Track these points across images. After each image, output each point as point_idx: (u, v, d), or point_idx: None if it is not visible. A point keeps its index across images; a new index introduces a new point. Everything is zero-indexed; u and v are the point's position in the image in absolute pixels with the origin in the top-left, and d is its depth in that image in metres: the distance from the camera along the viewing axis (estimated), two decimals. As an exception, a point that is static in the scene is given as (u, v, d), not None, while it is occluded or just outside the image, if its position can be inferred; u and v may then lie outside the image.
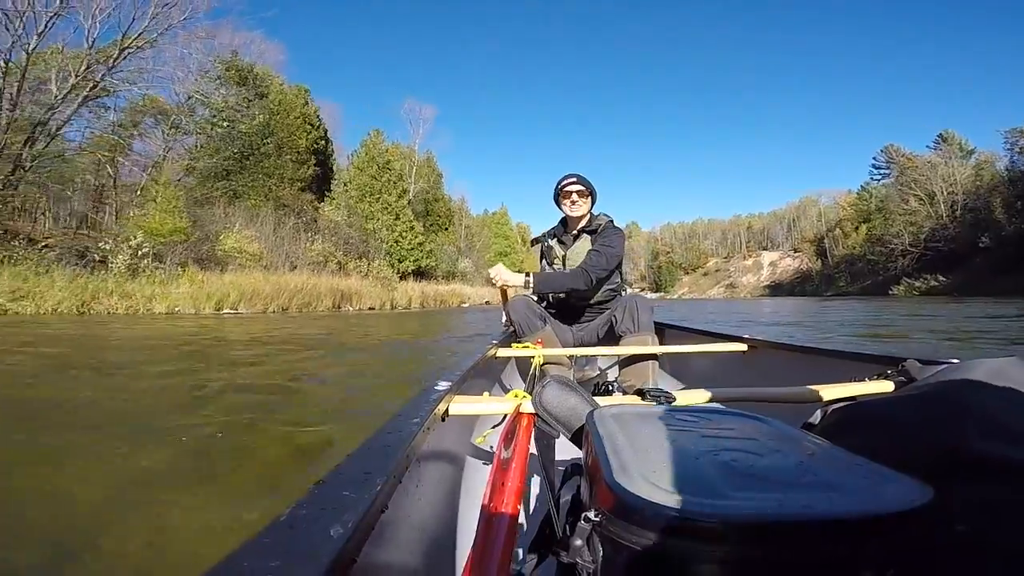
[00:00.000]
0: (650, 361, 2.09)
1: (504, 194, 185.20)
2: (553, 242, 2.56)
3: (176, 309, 12.08)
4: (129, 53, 19.05)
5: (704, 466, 0.47)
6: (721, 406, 0.79)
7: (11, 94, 15.97)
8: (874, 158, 71.33)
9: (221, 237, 18.75)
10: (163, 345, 5.87)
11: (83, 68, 17.73)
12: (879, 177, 70.51)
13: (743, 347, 2.03)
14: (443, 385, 1.04)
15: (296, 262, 20.97)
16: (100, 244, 14.40)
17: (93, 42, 18.27)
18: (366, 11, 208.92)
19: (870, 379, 1.15)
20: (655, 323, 2.34)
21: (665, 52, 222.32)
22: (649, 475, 0.45)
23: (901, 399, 0.82)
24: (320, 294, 16.11)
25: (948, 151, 56.35)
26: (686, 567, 0.38)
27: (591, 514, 0.44)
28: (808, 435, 0.59)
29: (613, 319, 2.23)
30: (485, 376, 1.84)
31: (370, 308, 18.05)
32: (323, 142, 33.12)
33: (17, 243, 13.18)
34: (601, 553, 0.43)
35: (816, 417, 0.87)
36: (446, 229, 43.49)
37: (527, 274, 2.35)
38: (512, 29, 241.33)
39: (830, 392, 1.03)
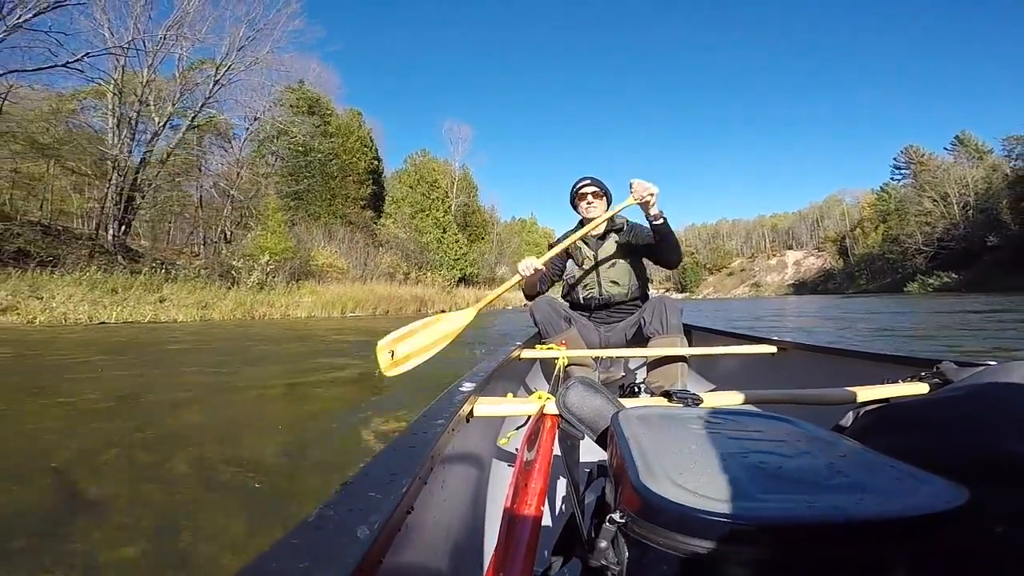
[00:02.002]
0: (679, 363, 2.06)
1: (529, 199, 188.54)
2: (579, 243, 2.51)
3: (313, 314, 15.55)
4: (221, 86, 22.12)
5: (732, 468, 0.48)
6: (749, 408, 0.80)
7: (130, 120, 19.04)
8: (895, 158, 72.82)
9: (313, 254, 22.37)
10: (373, 331, 9.21)
11: (178, 96, 20.60)
12: (899, 177, 71.74)
13: (772, 349, 2.00)
14: (467, 386, 1.05)
15: (370, 274, 24.51)
16: (233, 262, 18.08)
17: (183, 71, 21.07)
18: (394, 25, 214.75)
19: (904, 381, 1.11)
20: (683, 324, 2.32)
21: (688, 55, 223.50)
22: (676, 477, 0.45)
23: (936, 401, 0.78)
24: (405, 300, 19.63)
25: (964, 153, 57.84)
26: (713, 569, 0.38)
27: (616, 516, 0.45)
28: (839, 437, 0.59)
29: (642, 320, 2.21)
30: (509, 378, 1.85)
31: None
32: (376, 162, 36.78)
33: (180, 264, 16.90)
34: (627, 555, 0.44)
35: (848, 419, 0.86)
36: (482, 238, 46.96)
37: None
38: (533, 35, 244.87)
39: (862, 394, 1.00)
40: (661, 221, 2.16)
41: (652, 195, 2.09)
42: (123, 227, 19.12)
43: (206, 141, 26.11)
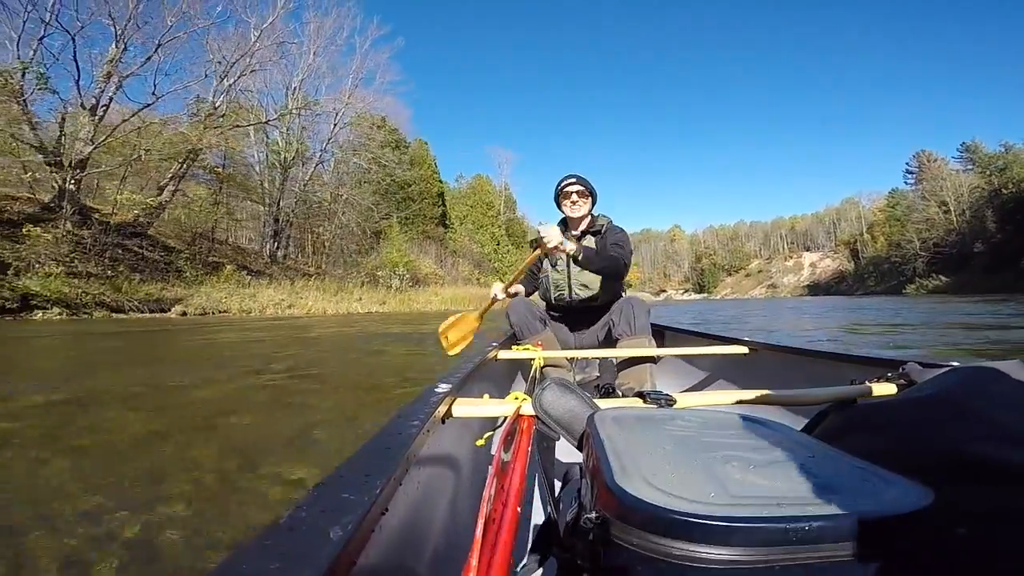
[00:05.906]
0: (647, 364, 2.06)
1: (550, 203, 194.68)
2: None
3: (444, 308, 22.39)
4: (340, 128, 29.02)
5: (704, 468, 0.48)
6: (722, 408, 0.80)
7: (276, 162, 25.50)
8: (907, 163, 74.43)
9: (418, 264, 29.61)
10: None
11: (300, 135, 26.61)
12: (911, 182, 73.30)
13: (744, 349, 2.03)
14: (443, 387, 1.05)
15: (454, 279, 31.65)
16: (378, 273, 25.26)
17: (301, 112, 26.35)
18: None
19: (871, 382, 1.13)
20: (657, 325, 2.37)
21: (709, 59, 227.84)
22: (650, 477, 0.46)
23: (902, 402, 0.81)
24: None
25: (970, 160, 60.79)
26: (686, 569, 0.39)
27: (592, 516, 0.45)
28: (808, 438, 0.60)
29: (611, 322, 2.24)
30: (485, 378, 1.84)
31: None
32: (440, 184, 43.98)
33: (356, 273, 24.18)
34: (602, 555, 0.44)
35: (817, 420, 0.88)
36: (520, 247, 53.96)
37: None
38: (557, 41, 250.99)
39: (831, 395, 1.02)
40: (580, 258, 2.12)
41: (556, 246, 2.04)
42: (276, 244, 26.33)
43: (303, 173, 32.99)
